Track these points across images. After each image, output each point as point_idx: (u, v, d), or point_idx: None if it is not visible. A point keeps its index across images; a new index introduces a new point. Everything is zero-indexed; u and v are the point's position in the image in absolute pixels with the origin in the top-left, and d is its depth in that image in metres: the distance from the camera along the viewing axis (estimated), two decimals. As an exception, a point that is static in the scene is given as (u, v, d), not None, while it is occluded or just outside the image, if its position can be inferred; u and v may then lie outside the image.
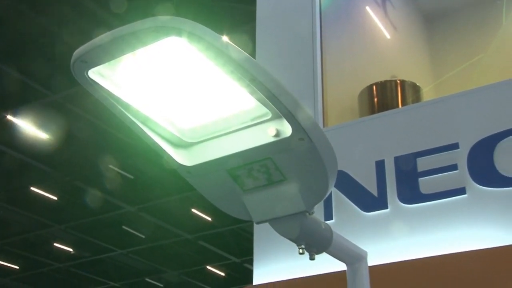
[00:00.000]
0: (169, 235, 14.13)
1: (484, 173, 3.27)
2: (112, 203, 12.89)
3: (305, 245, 1.99)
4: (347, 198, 3.71)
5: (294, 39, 4.50)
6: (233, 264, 15.53)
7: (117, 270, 15.94)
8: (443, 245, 3.16)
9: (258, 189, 1.75)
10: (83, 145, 11.27)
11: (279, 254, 3.81)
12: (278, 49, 4.56)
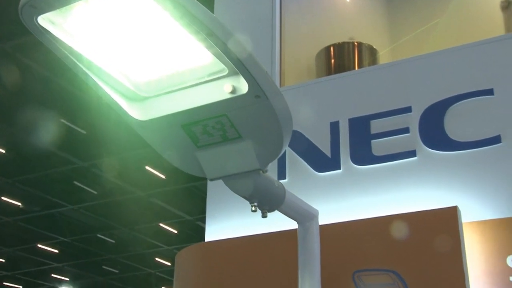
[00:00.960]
0: (121, 192, 14.04)
1: (434, 137, 3.35)
2: (63, 158, 12.67)
3: (257, 203, 2.00)
4: (301, 158, 3.74)
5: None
6: (185, 222, 15.60)
7: (68, 225, 15.80)
8: (392, 206, 3.25)
9: (212, 146, 1.74)
10: (33, 97, 10.97)
11: (232, 212, 3.83)
12: (237, 8, 4.51)
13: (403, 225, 3.01)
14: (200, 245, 3.87)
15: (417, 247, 2.91)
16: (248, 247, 3.45)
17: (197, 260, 3.68)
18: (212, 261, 3.58)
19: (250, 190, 1.91)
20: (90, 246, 17.33)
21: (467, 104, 3.33)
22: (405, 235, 2.97)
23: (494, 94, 3.28)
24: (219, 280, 3.47)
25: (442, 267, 2.82)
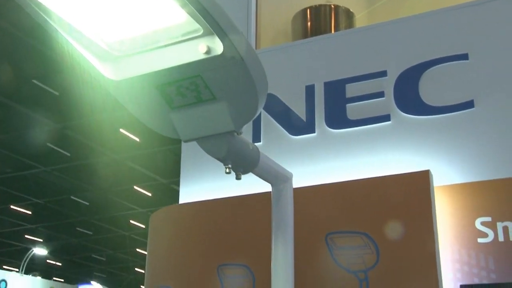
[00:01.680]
0: (95, 154, 13.95)
1: (409, 101, 3.37)
2: (36, 119, 12.50)
3: (232, 165, 2.00)
4: (276, 121, 3.74)
5: (229, -44, 4.36)
6: (160, 185, 15.60)
7: (41, 187, 15.69)
8: (366, 169, 3.28)
9: (186, 107, 1.72)
10: (3, 57, 10.74)
11: (206, 174, 3.84)
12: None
13: (376, 188, 3.05)
14: (174, 206, 3.87)
15: (389, 210, 2.95)
16: (222, 209, 3.46)
17: (171, 222, 3.69)
18: (186, 223, 3.59)
19: (224, 152, 1.90)
20: (64, 208, 17.27)
21: (442, 68, 3.34)
22: (378, 198, 3.01)
23: (469, 59, 3.30)
24: (193, 241, 3.49)
25: (412, 230, 2.87)
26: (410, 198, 2.92)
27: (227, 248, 3.33)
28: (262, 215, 2.88)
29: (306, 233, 3.00)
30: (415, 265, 2.80)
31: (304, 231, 2.90)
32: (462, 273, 2.83)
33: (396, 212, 2.93)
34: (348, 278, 2.91)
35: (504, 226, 2.81)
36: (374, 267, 2.87)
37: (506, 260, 2.77)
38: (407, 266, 2.82)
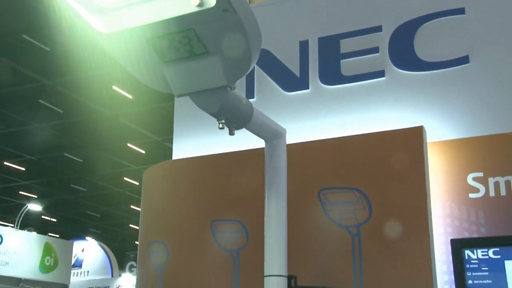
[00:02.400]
0: (88, 111, 13.88)
1: (404, 57, 3.34)
2: (27, 75, 12.38)
3: (225, 120, 1.99)
4: (269, 77, 3.72)
5: None
6: (153, 142, 15.59)
7: (34, 144, 15.67)
8: (360, 126, 3.27)
9: (179, 61, 1.70)
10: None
11: (199, 131, 3.83)
12: None
13: (369, 144, 3.05)
14: (167, 162, 3.88)
15: (382, 166, 2.96)
16: (215, 165, 3.47)
17: (165, 178, 3.70)
18: (179, 179, 3.60)
19: (217, 107, 1.89)
20: (57, 165, 17.29)
21: (437, 23, 3.31)
22: (371, 154, 3.02)
23: (465, 14, 3.26)
24: (186, 197, 3.51)
25: (405, 186, 2.89)
26: (403, 154, 2.93)
27: (220, 204, 3.35)
28: (255, 171, 2.89)
29: (299, 189, 3.01)
30: (406, 221, 2.83)
31: (297, 187, 2.91)
32: (452, 228, 2.86)
33: (389, 168, 2.94)
34: (340, 233, 2.95)
35: (496, 181, 2.84)
36: (366, 222, 2.90)
37: (496, 215, 2.80)
38: (398, 222, 2.85)
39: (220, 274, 3.21)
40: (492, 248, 2.63)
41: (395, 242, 2.83)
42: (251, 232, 3.17)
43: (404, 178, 2.90)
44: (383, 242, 2.85)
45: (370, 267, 2.84)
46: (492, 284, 2.60)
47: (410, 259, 2.78)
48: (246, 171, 3.31)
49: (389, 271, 2.81)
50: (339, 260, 2.93)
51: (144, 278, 3.57)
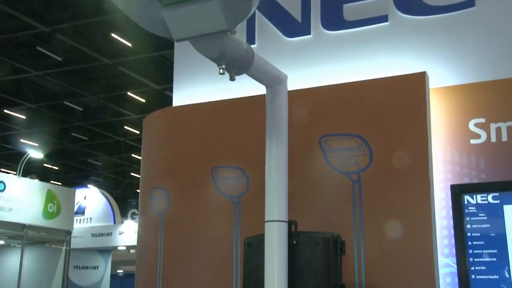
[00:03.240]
0: (87, 59, 13.74)
1: (407, 1, 3.28)
2: (24, 22, 12.19)
3: (225, 65, 1.97)
4: (270, 22, 3.66)
5: None
6: (153, 91, 15.50)
7: (33, 91, 15.59)
8: (362, 72, 3.24)
9: (179, 4, 1.67)
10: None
11: (199, 78, 3.80)
12: None
13: (371, 90, 3.03)
14: (168, 109, 3.86)
15: (383, 112, 2.95)
16: (216, 112, 3.46)
17: (165, 125, 3.69)
18: (179, 126, 3.59)
19: (217, 51, 1.87)
20: (58, 113, 17.26)
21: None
22: (373, 100, 3.00)
23: (471, -44, 3.18)
24: (187, 144, 3.51)
25: (406, 132, 2.88)
26: (406, 100, 2.92)
27: (221, 151, 3.36)
28: (256, 117, 2.88)
29: (300, 135, 3.01)
30: (407, 167, 2.84)
31: (298, 133, 2.91)
32: (453, 174, 2.87)
33: (391, 114, 2.93)
34: (341, 179, 2.96)
35: (497, 127, 2.83)
36: (367, 169, 2.91)
37: (497, 160, 2.81)
38: (399, 167, 2.85)
39: (220, 220, 3.24)
40: (491, 193, 2.64)
41: (395, 188, 2.85)
42: (252, 179, 3.18)
43: (405, 124, 2.89)
44: (383, 188, 2.87)
45: (370, 212, 2.86)
46: (490, 229, 2.63)
47: (410, 204, 2.80)
48: (247, 118, 3.29)
49: (389, 217, 2.83)
50: (339, 206, 2.96)
51: (145, 223, 3.62)
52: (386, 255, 2.79)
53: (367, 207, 2.87)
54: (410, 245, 2.75)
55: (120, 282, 24.97)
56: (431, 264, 2.67)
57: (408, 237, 2.77)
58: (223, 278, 3.10)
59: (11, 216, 9.38)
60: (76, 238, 14.45)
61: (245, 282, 2.59)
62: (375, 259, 2.79)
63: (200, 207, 3.34)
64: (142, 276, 3.57)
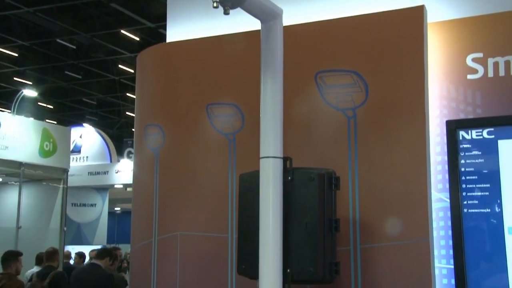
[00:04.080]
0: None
1: None
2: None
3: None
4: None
5: None
6: (147, 29, 15.24)
7: (25, 29, 15.31)
8: (359, 6, 3.16)
9: None
10: None
11: (192, 14, 3.72)
12: None
13: (368, 25, 2.97)
14: (162, 45, 3.81)
15: (380, 47, 2.91)
16: (210, 48, 3.40)
17: (159, 61, 3.64)
18: (174, 62, 3.54)
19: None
20: (51, 51, 17.02)
21: None
22: (369, 35, 2.95)
23: None
24: (181, 81, 3.47)
25: (403, 68, 2.85)
26: (403, 35, 2.87)
27: (216, 87, 3.33)
28: (251, 53, 2.84)
29: (296, 71, 2.97)
30: (403, 103, 2.82)
31: (293, 69, 2.88)
32: (448, 109, 2.86)
33: (387, 49, 2.89)
34: (336, 116, 2.95)
35: (495, 61, 2.80)
36: (362, 105, 2.90)
37: (493, 96, 2.79)
38: (395, 104, 2.84)
39: (216, 157, 3.25)
40: (486, 128, 2.64)
41: (391, 124, 2.84)
42: (247, 116, 3.17)
43: (402, 59, 2.85)
44: (378, 125, 2.86)
45: (365, 149, 2.87)
46: (484, 164, 2.65)
47: (405, 141, 2.80)
48: (242, 54, 3.25)
49: (384, 153, 2.84)
50: (334, 143, 2.96)
51: (141, 161, 3.62)
52: (380, 190, 2.81)
53: (362, 143, 2.87)
54: (404, 181, 2.77)
55: (118, 219, 25.34)
56: (424, 199, 2.70)
57: (402, 172, 2.78)
58: (219, 214, 3.14)
59: (7, 154, 9.37)
60: (73, 176, 14.53)
61: (241, 218, 2.63)
62: (369, 194, 2.82)
63: (196, 144, 3.34)
64: (139, 213, 3.60)
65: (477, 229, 2.64)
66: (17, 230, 9.78)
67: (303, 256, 2.42)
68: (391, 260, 2.73)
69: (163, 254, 3.27)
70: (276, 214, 2.40)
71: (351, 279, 2.77)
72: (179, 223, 3.27)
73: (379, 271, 2.74)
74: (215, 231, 3.13)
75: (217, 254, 3.09)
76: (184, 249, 3.21)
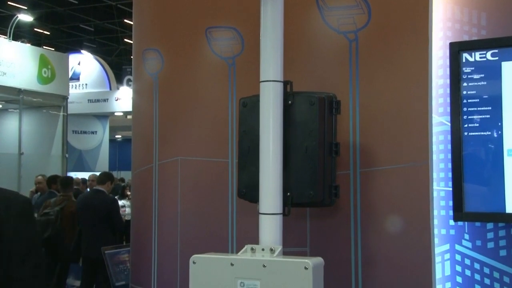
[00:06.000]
0: None
1: None
2: None
3: None
4: None
5: None
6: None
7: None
8: None
9: None
10: None
11: None
12: None
13: None
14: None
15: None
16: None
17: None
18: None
19: None
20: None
21: None
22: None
23: None
24: (180, 3, 3.39)
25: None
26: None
27: (215, 10, 3.25)
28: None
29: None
30: (406, 25, 2.77)
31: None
32: (452, 31, 2.80)
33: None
34: (337, 39, 2.90)
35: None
36: (364, 27, 2.83)
37: (499, 16, 2.72)
38: (398, 26, 2.78)
39: (215, 82, 3.22)
40: (490, 49, 2.60)
41: (393, 47, 2.79)
42: (247, 39, 3.11)
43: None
44: (380, 48, 2.82)
45: (366, 72, 2.83)
46: (487, 87, 2.62)
47: (407, 64, 2.76)
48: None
49: (385, 77, 2.81)
50: (335, 66, 2.92)
51: (140, 86, 3.60)
52: (380, 114, 2.80)
53: (364, 67, 2.83)
54: (405, 104, 2.75)
55: (119, 147, 25.55)
56: (425, 122, 2.69)
57: (403, 96, 2.76)
58: (219, 139, 3.14)
59: (6, 80, 9.32)
60: (73, 104, 14.54)
61: (241, 142, 2.63)
62: (370, 119, 2.81)
63: (195, 68, 3.30)
64: (139, 139, 3.61)
65: (477, 151, 2.65)
66: (19, 156, 9.88)
67: (303, 179, 2.43)
68: (391, 183, 2.76)
69: (164, 178, 3.30)
70: (276, 138, 2.39)
71: (350, 203, 2.80)
72: (179, 148, 3.28)
73: (378, 194, 2.77)
74: (215, 156, 3.14)
75: (217, 179, 3.12)
76: (184, 173, 3.23)
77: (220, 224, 3.09)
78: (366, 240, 2.77)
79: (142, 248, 3.38)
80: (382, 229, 2.76)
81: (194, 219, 3.19)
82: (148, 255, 3.32)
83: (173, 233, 3.22)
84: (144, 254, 3.36)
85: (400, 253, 2.72)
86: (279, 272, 2.19)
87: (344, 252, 2.79)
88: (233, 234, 3.07)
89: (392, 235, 2.74)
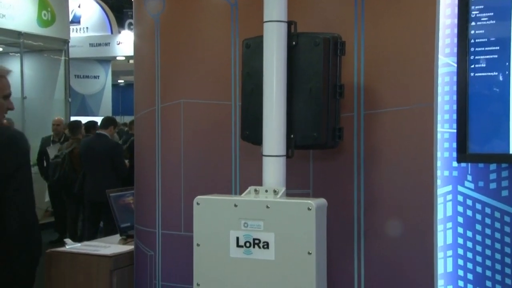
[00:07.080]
0: None
1: None
2: None
3: None
4: None
5: None
6: None
7: None
8: None
9: None
10: None
11: None
12: None
13: None
14: None
15: None
16: None
17: None
18: None
19: None
20: None
21: None
22: None
23: None
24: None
25: None
26: None
27: None
28: None
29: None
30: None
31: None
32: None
33: None
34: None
35: None
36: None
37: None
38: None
39: (218, 23, 3.16)
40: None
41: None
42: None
43: None
44: None
45: (372, 13, 2.78)
46: (495, 26, 2.56)
47: (415, 4, 2.70)
48: None
49: (392, 17, 2.76)
50: (340, 7, 2.86)
51: (141, 28, 3.53)
52: (386, 55, 2.76)
53: (369, 7, 2.77)
54: (411, 45, 2.71)
55: (122, 92, 25.48)
56: (431, 64, 2.65)
57: (409, 37, 2.71)
58: (222, 81, 3.11)
59: (5, 23, 9.19)
60: (75, 48, 14.38)
61: (244, 84, 2.60)
62: (375, 59, 2.77)
63: (196, 9, 3.23)
64: (141, 82, 3.57)
65: (483, 92, 2.62)
66: (22, 100, 9.86)
67: (306, 121, 2.42)
68: (394, 125, 2.74)
69: (167, 121, 3.29)
70: (280, 79, 2.37)
71: (353, 145, 2.80)
72: (181, 90, 3.25)
73: (382, 137, 2.77)
74: (218, 99, 3.12)
75: (220, 121, 3.11)
76: (187, 116, 3.22)
77: (224, 166, 3.10)
78: (369, 182, 2.78)
79: (146, 190, 3.40)
80: (385, 170, 2.76)
81: (197, 161, 3.20)
82: (152, 196, 3.35)
83: (177, 175, 3.24)
84: (148, 196, 3.38)
85: (403, 194, 2.73)
86: (282, 213, 2.21)
87: (347, 194, 2.81)
88: (236, 176, 3.08)
89: (395, 176, 2.75)
